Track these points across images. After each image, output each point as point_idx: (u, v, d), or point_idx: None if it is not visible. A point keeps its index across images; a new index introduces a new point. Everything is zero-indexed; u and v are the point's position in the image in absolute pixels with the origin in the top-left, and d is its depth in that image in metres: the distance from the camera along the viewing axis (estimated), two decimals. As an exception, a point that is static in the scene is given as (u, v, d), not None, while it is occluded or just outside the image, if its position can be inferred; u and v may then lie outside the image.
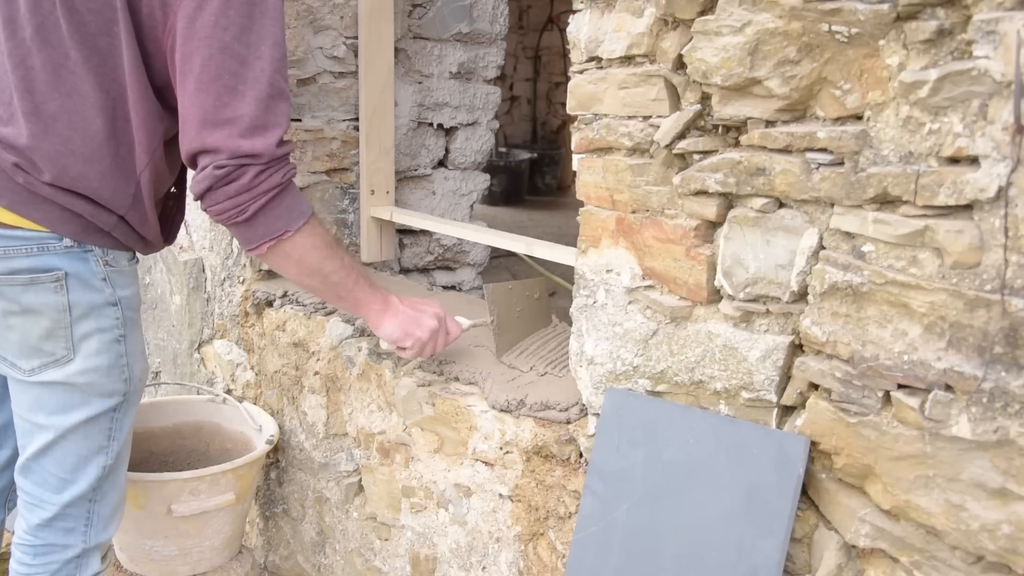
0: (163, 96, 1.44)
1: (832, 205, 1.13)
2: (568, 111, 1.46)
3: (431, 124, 2.61)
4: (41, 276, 1.43)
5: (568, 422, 1.56)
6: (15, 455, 1.62)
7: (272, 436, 2.13)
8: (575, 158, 1.46)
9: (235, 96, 1.33)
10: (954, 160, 0.99)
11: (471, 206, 2.77)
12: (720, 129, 1.25)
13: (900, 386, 1.08)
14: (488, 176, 2.82)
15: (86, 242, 1.46)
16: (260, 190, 1.36)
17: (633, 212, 1.38)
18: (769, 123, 1.18)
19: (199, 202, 1.39)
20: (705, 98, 1.25)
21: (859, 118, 1.09)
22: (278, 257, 1.46)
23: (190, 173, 1.45)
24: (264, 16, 1.34)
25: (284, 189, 1.40)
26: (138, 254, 1.59)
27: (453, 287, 2.76)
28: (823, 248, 1.16)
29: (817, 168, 1.13)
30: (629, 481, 1.33)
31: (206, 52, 1.31)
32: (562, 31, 7.12)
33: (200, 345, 2.50)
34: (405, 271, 2.68)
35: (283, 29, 1.37)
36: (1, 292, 1.45)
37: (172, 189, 1.64)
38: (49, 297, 1.44)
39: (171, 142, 1.48)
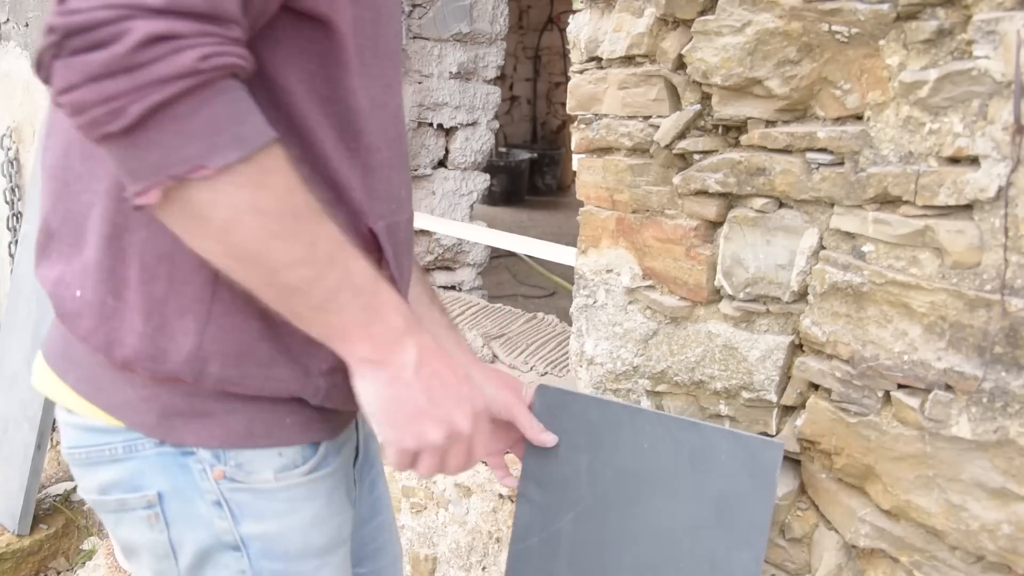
0: None
1: (832, 205, 1.13)
2: (568, 111, 1.46)
3: (431, 124, 2.61)
4: (130, 499, 0.89)
5: (568, 422, 1.56)
6: None
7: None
8: (575, 158, 1.46)
9: None
10: (954, 160, 0.99)
11: (471, 206, 2.78)
12: (720, 129, 1.25)
13: (900, 386, 1.08)
14: (488, 176, 2.82)
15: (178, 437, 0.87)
16: (156, 74, 0.65)
17: (633, 212, 1.38)
18: (769, 123, 1.18)
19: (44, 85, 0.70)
20: (705, 98, 1.25)
21: (859, 118, 1.09)
22: (180, 216, 0.72)
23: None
24: None
25: (208, 84, 0.68)
26: (322, 447, 0.92)
27: (453, 287, 2.76)
28: (823, 248, 1.16)
29: (817, 168, 1.13)
30: (574, 489, 1.18)
31: None
32: (562, 31, 7.13)
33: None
34: (405, 271, 2.67)
35: None
36: (106, 523, 0.95)
37: None
38: (144, 534, 0.90)
39: None
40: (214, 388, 0.84)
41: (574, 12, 1.42)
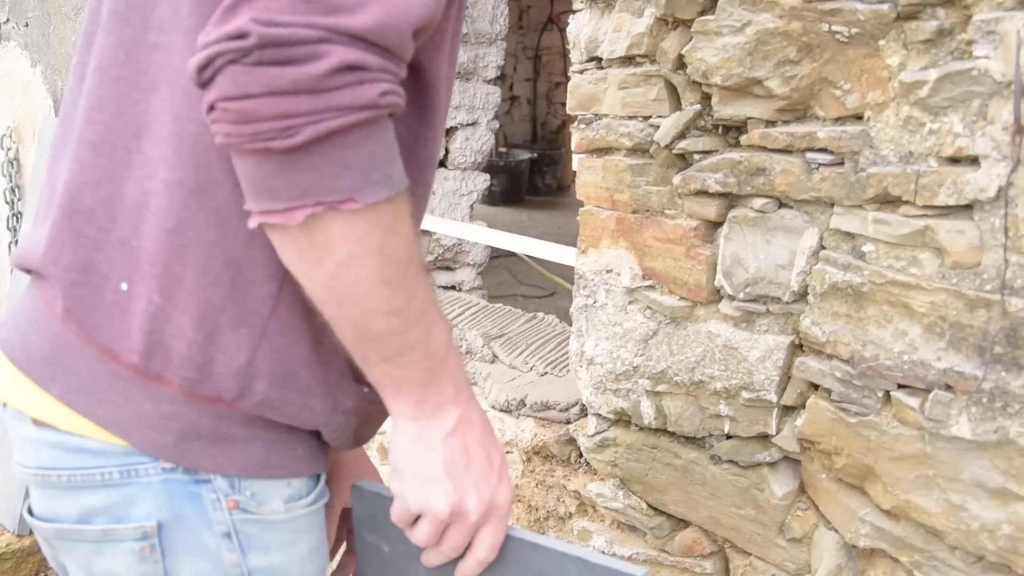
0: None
1: (832, 205, 1.13)
2: (568, 111, 1.46)
3: (431, 124, 2.60)
4: (119, 529, 0.81)
5: (568, 422, 1.56)
6: None
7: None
8: (575, 158, 1.46)
9: None
10: (954, 160, 0.99)
11: (471, 206, 2.77)
12: (720, 129, 1.25)
13: (900, 386, 1.08)
14: (488, 176, 2.82)
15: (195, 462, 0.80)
16: (339, 102, 0.65)
17: (633, 212, 1.38)
18: (769, 123, 1.18)
19: (203, 90, 0.66)
20: (705, 98, 1.25)
21: (859, 118, 1.09)
22: (304, 242, 0.70)
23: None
24: None
25: (378, 120, 0.68)
26: (322, 479, 0.89)
27: (453, 287, 2.76)
28: (823, 248, 1.16)
29: (817, 168, 1.13)
30: None
31: None
32: (562, 31, 7.13)
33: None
34: (405, 271, 2.67)
35: None
36: (70, 553, 0.84)
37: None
38: (131, 567, 0.82)
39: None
40: (251, 411, 0.79)
41: (574, 12, 1.42)
